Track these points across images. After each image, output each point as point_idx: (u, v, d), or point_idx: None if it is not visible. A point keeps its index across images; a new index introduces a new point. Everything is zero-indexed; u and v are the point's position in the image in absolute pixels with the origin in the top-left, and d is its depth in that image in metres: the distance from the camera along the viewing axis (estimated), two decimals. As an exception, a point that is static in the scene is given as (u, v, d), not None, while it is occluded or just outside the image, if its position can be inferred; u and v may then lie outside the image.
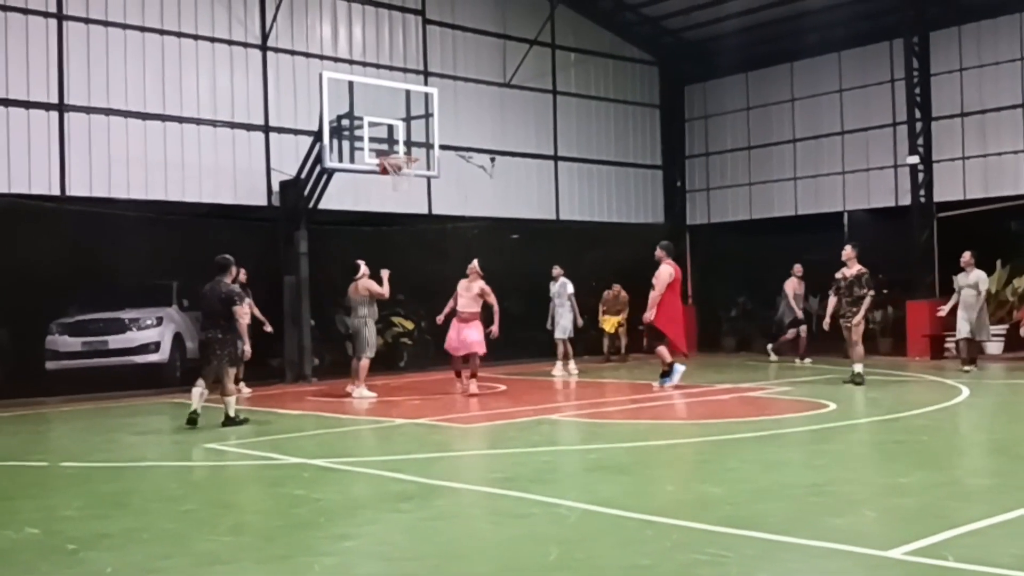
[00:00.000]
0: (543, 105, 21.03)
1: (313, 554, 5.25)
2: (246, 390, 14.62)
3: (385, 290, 13.68)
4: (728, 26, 20.67)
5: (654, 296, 13.35)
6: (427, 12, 19.23)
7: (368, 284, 13.57)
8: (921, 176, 19.09)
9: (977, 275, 15.33)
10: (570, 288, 16.92)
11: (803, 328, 18.24)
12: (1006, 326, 17.95)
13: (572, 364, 16.70)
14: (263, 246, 16.68)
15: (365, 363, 13.53)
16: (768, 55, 21.52)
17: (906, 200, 19.40)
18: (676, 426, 10.42)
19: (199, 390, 10.64)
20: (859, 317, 13.54)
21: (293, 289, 16.36)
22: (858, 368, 13.47)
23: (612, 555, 5.10)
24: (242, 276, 14.59)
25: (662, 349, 13.52)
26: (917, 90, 19.10)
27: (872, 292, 13.77)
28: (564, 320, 16.81)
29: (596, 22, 21.86)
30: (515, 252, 20.85)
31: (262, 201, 16.91)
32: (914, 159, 19.06)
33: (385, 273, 13.75)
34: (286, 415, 11.94)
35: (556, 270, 17.24)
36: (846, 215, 21.04)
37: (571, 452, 8.64)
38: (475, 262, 13.93)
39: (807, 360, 17.95)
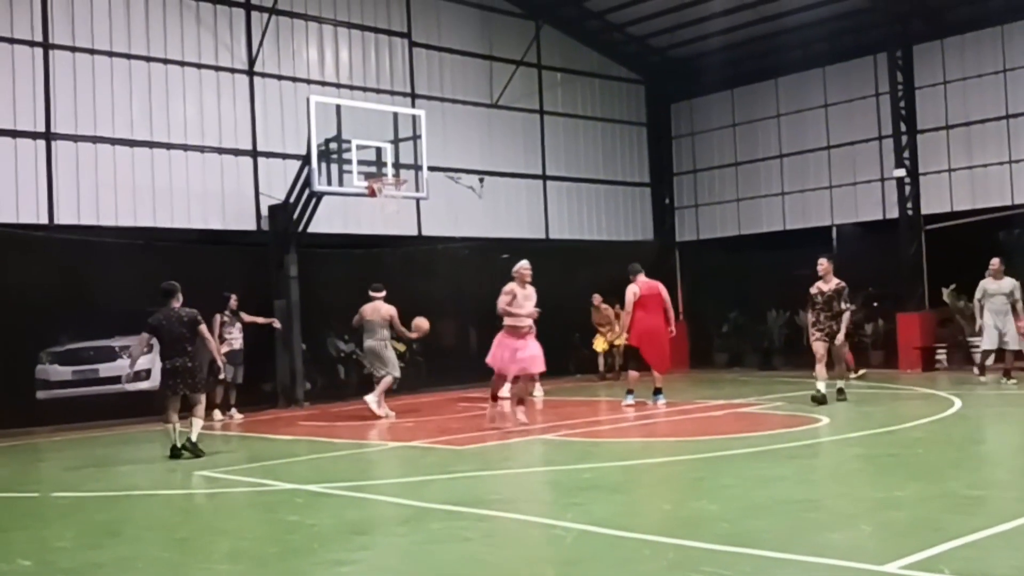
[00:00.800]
0: (531, 125, 21.10)
1: (308, 581, 5.22)
2: (238, 416, 14.57)
3: (410, 334, 14.11)
4: (713, 44, 20.79)
5: (622, 317, 14.01)
6: (413, 35, 19.30)
7: (393, 313, 13.81)
8: (908, 189, 19.19)
9: (1011, 282, 15.02)
10: None
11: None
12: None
13: (538, 386, 15.35)
14: (253, 270, 16.65)
15: (389, 380, 13.71)
16: (753, 72, 21.66)
17: (894, 213, 19.49)
18: (670, 444, 10.40)
19: (171, 426, 10.32)
20: (842, 335, 12.92)
21: (284, 313, 16.33)
22: (840, 384, 13.16)
23: (609, 575, 5.08)
24: (232, 303, 14.60)
25: (633, 373, 13.76)
26: (902, 104, 19.24)
27: (852, 307, 13.28)
28: None
29: (582, 42, 21.98)
30: (505, 272, 20.83)
31: (251, 226, 16.90)
32: (901, 172, 19.17)
33: (422, 323, 14.00)
34: (279, 440, 11.89)
35: None
36: (834, 229, 21.13)
37: (565, 472, 8.62)
38: (525, 262, 12.62)
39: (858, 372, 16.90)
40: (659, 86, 23.17)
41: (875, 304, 20.47)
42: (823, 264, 13.28)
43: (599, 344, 19.44)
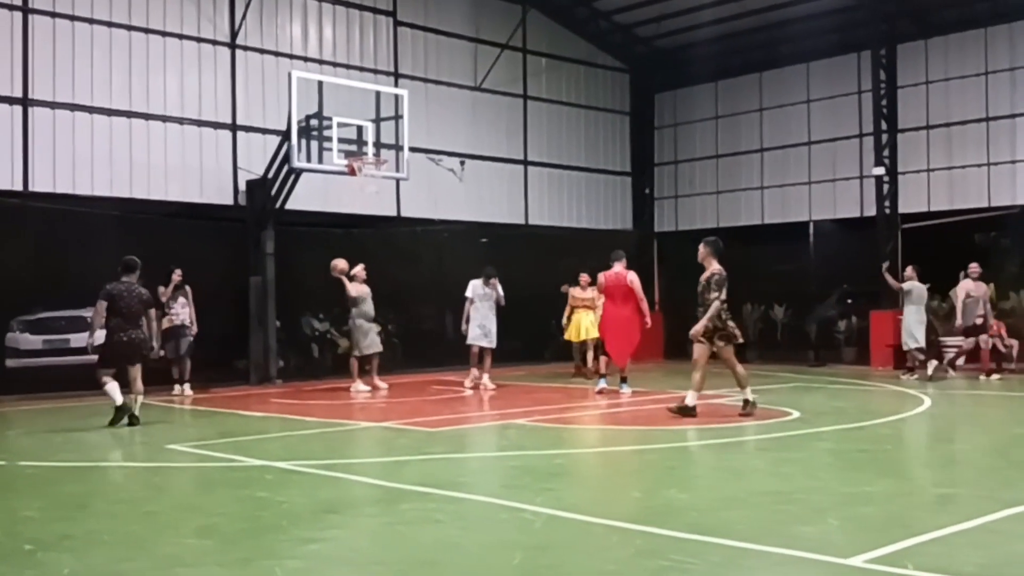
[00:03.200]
0: (514, 110, 21.05)
1: (277, 558, 5.20)
2: (189, 391, 14.42)
3: (350, 289, 14.27)
4: (699, 35, 20.80)
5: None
6: (399, 14, 19.18)
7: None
8: (886, 187, 19.31)
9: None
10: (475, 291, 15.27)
11: (982, 338, 15.93)
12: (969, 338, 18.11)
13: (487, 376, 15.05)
14: (229, 246, 16.55)
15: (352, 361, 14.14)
16: (738, 65, 21.69)
17: (871, 211, 19.61)
18: (642, 432, 10.43)
19: (132, 396, 10.61)
20: (698, 326, 10.98)
21: (259, 290, 16.24)
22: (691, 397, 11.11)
23: (577, 561, 5.09)
24: (176, 276, 14.42)
25: (604, 357, 13.95)
26: (884, 102, 19.33)
27: (721, 297, 11.06)
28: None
29: (568, 28, 21.92)
30: (485, 256, 20.82)
31: (229, 201, 16.77)
32: (880, 170, 19.28)
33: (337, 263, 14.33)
34: (250, 417, 11.84)
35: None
36: (812, 225, 21.25)
37: (538, 457, 8.63)
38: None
39: (994, 376, 15.66)
40: (644, 76, 23.16)
41: (849, 301, 20.62)
42: (701, 250, 11.64)
43: (573, 333, 18.21)
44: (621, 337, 13.44)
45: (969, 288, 15.47)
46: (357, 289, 14.36)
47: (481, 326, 14.77)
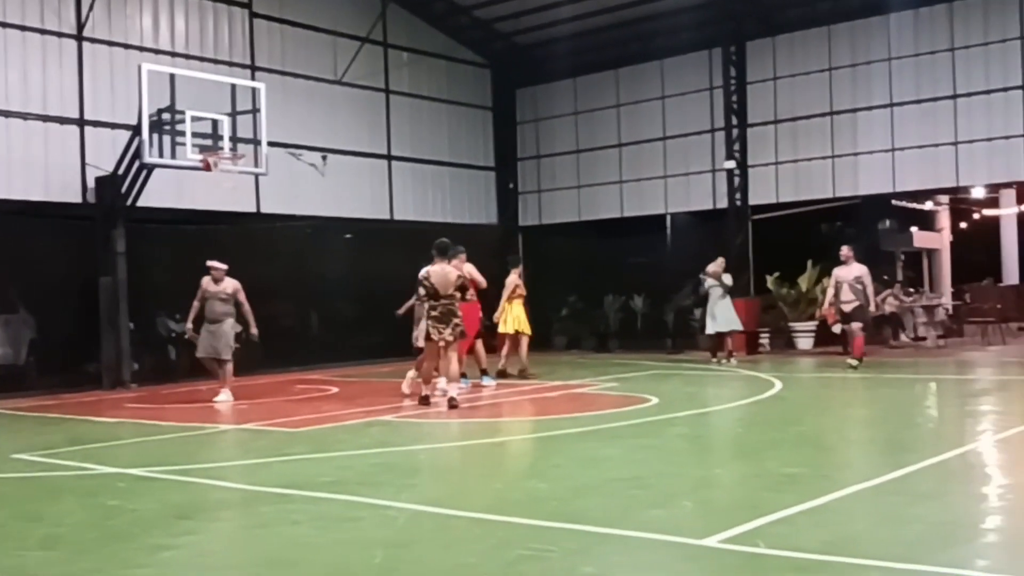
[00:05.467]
0: (376, 104, 20.87)
1: (127, 567, 5.04)
2: None
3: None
4: (557, 32, 21.07)
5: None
6: (254, 5, 18.74)
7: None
8: (737, 180, 20.03)
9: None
10: None
11: (855, 325, 15.18)
12: (816, 323, 19.02)
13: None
14: (78, 245, 15.89)
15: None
16: (595, 62, 22.07)
17: (723, 203, 20.31)
18: (505, 424, 10.54)
19: None
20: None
21: (110, 290, 15.63)
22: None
23: (438, 555, 5.12)
24: None
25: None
26: (734, 98, 20.04)
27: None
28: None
29: (429, 23, 21.86)
30: (349, 252, 20.64)
31: (77, 198, 16.06)
32: (731, 164, 19.99)
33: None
34: (102, 423, 11.40)
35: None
36: (669, 217, 21.85)
37: (401, 453, 8.61)
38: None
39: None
40: (504, 71, 23.32)
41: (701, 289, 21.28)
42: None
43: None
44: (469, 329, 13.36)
45: (837, 273, 15.39)
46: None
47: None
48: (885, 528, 5.33)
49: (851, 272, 15.08)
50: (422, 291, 11.48)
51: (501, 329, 15.00)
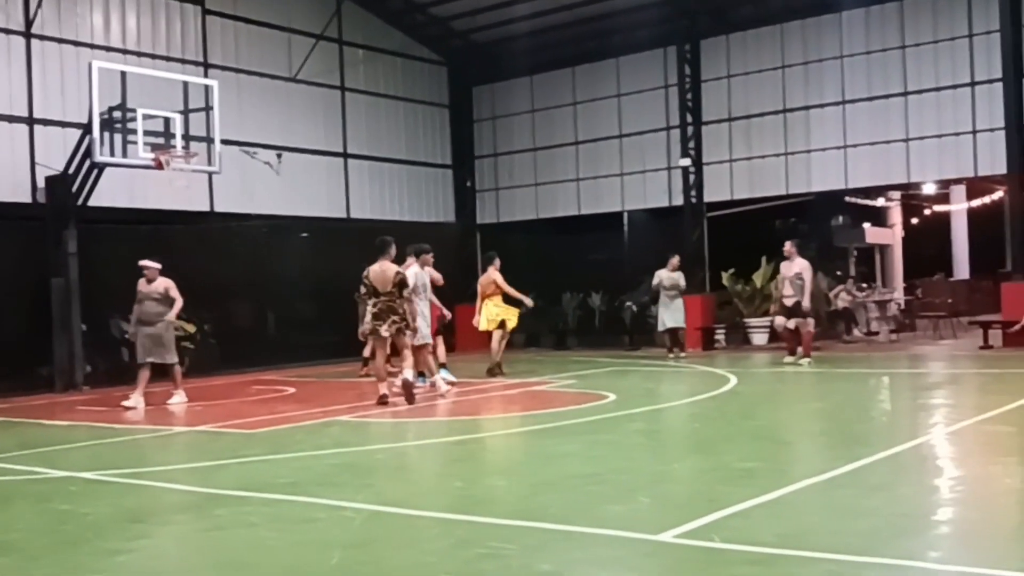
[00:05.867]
0: (331, 101, 20.74)
1: (81, 572, 4.97)
2: None
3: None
4: (513, 30, 21.08)
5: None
6: (206, 2, 18.53)
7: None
8: (692, 178, 20.17)
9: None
10: None
11: (798, 320, 15.31)
12: (769, 319, 19.20)
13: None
14: (27, 246, 15.62)
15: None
16: (551, 60, 22.10)
17: (679, 200, 20.45)
18: (464, 422, 10.53)
19: None
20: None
21: (61, 292, 15.37)
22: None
23: (396, 555, 5.10)
24: None
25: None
26: (689, 96, 20.18)
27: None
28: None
29: (385, 20, 21.77)
30: (305, 252, 20.48)
31: (26, 198, 15.80)
32: (686, 161, 20.13)
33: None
34: (54, 426, 11.22)
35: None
36: (625, 215, 21.96)
37: (359, 453, 8.57)
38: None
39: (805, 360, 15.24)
40: (461, 69, 23.28)
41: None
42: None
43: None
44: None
45: (781, 269, 15.58)
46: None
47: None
48: (839, 520, 5.40)
49: (792, 268, 15.19)
50: (362, 289, 11.81)
51: (482, 328, 15.14)
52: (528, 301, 15.42)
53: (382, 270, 11.70)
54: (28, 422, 11.64)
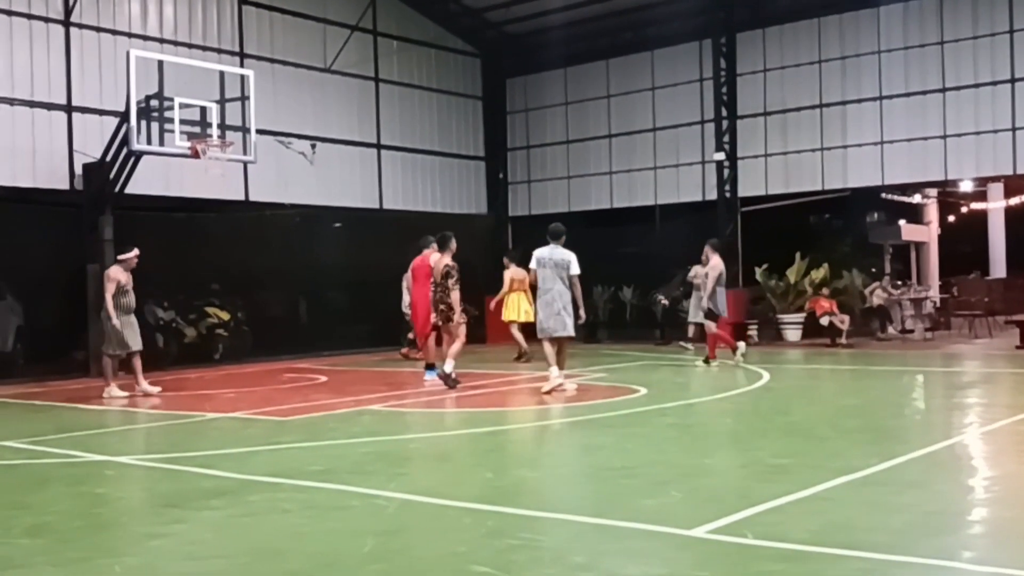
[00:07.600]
0: (365, 92, 20.79)
1: (115, 555, 5.02)
2: None
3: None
4: (548, 22, 21.02)
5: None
6: (243, -7, 18.65)
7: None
8: (727, 172, 20.04)
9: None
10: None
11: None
12: (804, 314, 19.09)
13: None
14: (65, 233, 15.80)
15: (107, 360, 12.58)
16: (586, 52, 22.02)
17: (712, 195, 20.32)
18: (496, 414, 10.54)
19: None
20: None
21: (97, 278, 15.53)
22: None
23: (428, 544, 5.12)
24: None
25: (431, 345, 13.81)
26: (724, 89, 20.03)
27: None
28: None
29: (419, 11, 21.77)
30: (338, 241, 20.59)
31: (64, 185, 15.98)
32: (720, 155, 19.99)
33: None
34: (90, 410, 11.36)
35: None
36: (658, 209, 21.85)
37: (391, 442, 8.60)
38: None
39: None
40: (495, 61, 23.25)
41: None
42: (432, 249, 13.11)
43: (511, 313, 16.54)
44: (427, 319, 13.30)
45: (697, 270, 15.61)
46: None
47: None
48: (872, 518, 5.35)
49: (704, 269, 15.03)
50: (452, 276, 12.45)
51: (521, 320, 16.05)
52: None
53: (435, 262, 12.54)
54: (64, 406, 11.79)
